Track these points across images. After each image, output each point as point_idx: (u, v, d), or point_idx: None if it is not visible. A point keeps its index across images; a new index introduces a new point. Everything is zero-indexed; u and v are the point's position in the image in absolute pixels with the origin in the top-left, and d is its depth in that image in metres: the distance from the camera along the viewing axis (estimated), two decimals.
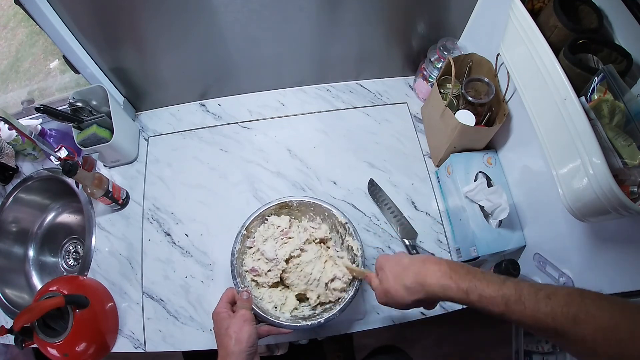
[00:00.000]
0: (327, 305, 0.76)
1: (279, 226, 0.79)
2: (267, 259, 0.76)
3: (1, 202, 1.02)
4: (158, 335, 0.85)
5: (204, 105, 1.10)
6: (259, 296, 0.76)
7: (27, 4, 0.74)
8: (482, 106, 0.86)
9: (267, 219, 0.81)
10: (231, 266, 0.75)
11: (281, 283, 0.79)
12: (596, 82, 0.54)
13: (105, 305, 0.84)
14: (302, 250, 0.77)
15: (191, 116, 1.09)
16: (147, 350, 0.84)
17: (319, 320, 0.71)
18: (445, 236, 0.93)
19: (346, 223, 0.78)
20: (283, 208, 0.82)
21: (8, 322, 0.91)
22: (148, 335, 0.85)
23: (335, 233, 0.83)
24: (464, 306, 0.49)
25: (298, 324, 0.71)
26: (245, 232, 0.78)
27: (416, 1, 0.89)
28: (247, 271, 0.77)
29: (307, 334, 0.87)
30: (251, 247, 0.79)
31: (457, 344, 1.57)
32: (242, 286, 0.74)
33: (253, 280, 0.78)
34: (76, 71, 0.91)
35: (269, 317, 0.71)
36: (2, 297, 0.94)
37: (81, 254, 1.07)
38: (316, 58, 1.02)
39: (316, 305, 0.77)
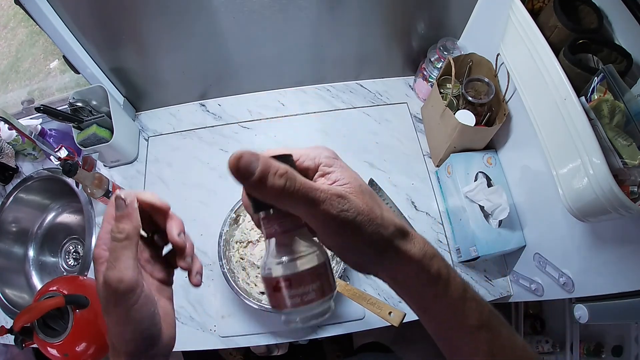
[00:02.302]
0: None
1: None
2: None
3: (1, 202, 1.01)
4: None
5: (204, 105, 1.10)
6: (250, 282, 0.77)
7: (27, 4, 0.74)
8: (482, 106, 0.86)
9: None
10: (218, 247, 0.75)
11: None
12: (596, 82, 0.54)
13: None
14: None
15: (191, 116, 1.08)
16: None
17: None
18: (445, 236, 0.93)
19: None
20: None
21: (8, 322, 0.91)
22: None
23: None
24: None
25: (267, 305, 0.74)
26: (234, 215, 0.78)
27: (416, 1, 0.89)
28: (237, 242, 0.78)
29: (306, 332, 0.87)
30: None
31: None
32: (227, 268, 0.74)
33: (242, 258, 0.78)
34: (76, 71, 0.91)
35: (251, 299, 0.72)
36: (2, 297, 0.94)
37: (81, 254, 1.07)
38: (316, 58, 1.02)
39: None
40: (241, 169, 0.25)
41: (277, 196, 0.26)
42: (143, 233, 0.38)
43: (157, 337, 0.36)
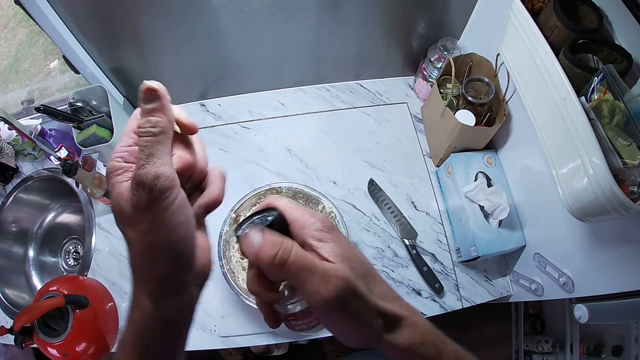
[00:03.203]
0: None
1: None
2: None
3: (1, 202, 1.01)
4: None
5: (204, 105, 1.10)
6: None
7: (27, 4, 0.73)
8: (482, 106, 0.86)
9: (261, 199, 0.82)
10: (218, 247, 0.75)
11: None
12: (596, 82, 0.54)
13: (105, 305, 0.84)
14: None
15: (191, 116, 1.08)
16: None
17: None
18: (445, 236, 0.93)
19: (331, 212, 0.79)
20: (272, 194, 0.83)
21: (8, 322, 0.91)
22: None
23: None
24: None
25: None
26: (234, 215, 0.78)
27: (416, 1, 0.89)
28: (237, 242, 0.78)
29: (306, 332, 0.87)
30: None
31: (456, 344, 1.56)
32: (227, 268, 0.74)
33: (242, 258, 0.78)
34: (76, 71, 0.91)
35: (251, 299, 0.72)
36: (2, 297, 0.94)
37: (81, 254, 1.07)
38: (316, 58, 1.02)
39: None
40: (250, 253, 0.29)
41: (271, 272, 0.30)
42: (177, 128, 0.34)
43: (190, 257, 0.31)
